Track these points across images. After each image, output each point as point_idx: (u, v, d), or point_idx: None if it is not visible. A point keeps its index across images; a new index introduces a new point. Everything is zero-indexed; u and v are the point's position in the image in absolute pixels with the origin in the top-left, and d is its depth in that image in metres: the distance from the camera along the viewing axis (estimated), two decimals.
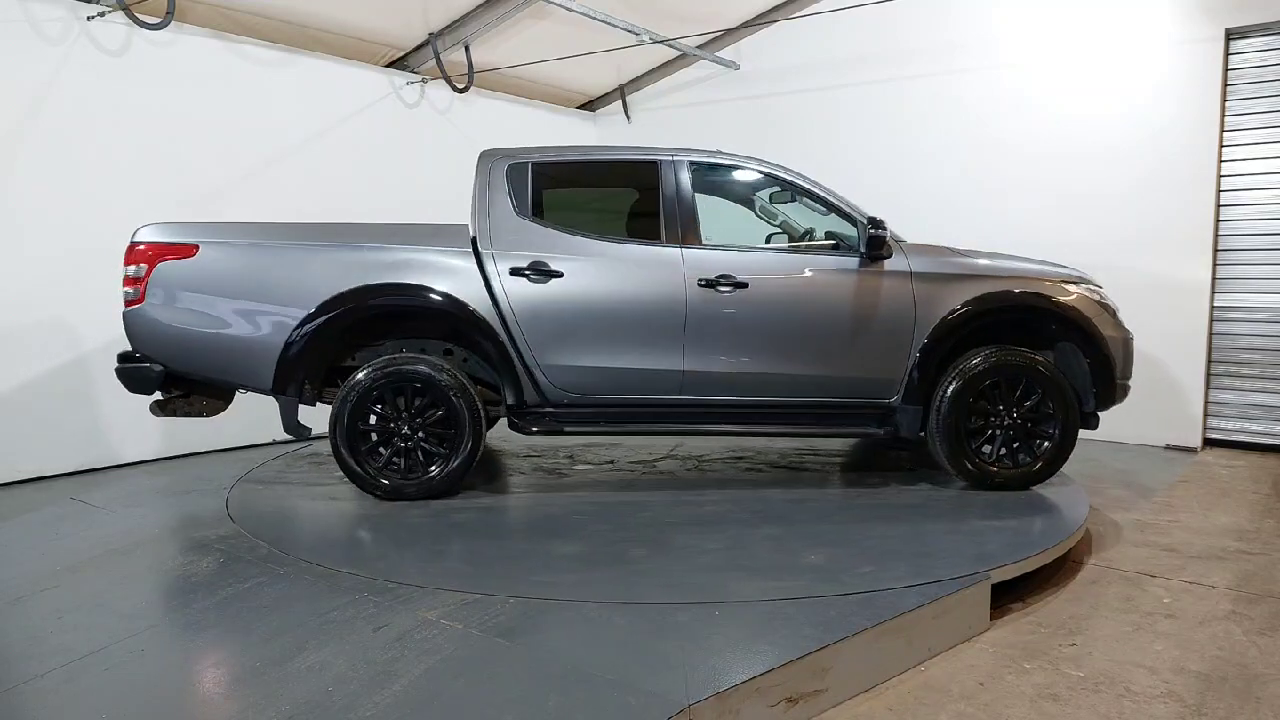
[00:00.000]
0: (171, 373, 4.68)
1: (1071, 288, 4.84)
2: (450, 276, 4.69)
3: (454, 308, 4.66)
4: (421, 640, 2.97)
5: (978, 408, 4.76)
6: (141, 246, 4.59)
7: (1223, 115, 6.55)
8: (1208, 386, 6.78)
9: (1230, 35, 6.51)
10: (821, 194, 4.95)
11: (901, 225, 5.69)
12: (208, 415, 5.00)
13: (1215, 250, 6.65)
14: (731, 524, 4.28)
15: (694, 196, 4.88)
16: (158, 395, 4.76)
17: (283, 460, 5.85)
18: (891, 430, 4.86)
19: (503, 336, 4.69)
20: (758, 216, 5.52)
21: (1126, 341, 4.93)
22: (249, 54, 6.47)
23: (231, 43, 6.37)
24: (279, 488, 5.18)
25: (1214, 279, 6.67)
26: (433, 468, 4.70)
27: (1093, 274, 5.16)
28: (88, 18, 5.57)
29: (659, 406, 4.85)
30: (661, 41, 7.71)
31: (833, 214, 4.95)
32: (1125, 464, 6.21)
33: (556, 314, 4.72)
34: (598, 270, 4.77)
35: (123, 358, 4.67)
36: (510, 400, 4.79)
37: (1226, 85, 6.57)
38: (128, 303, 4.59)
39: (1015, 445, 4.78)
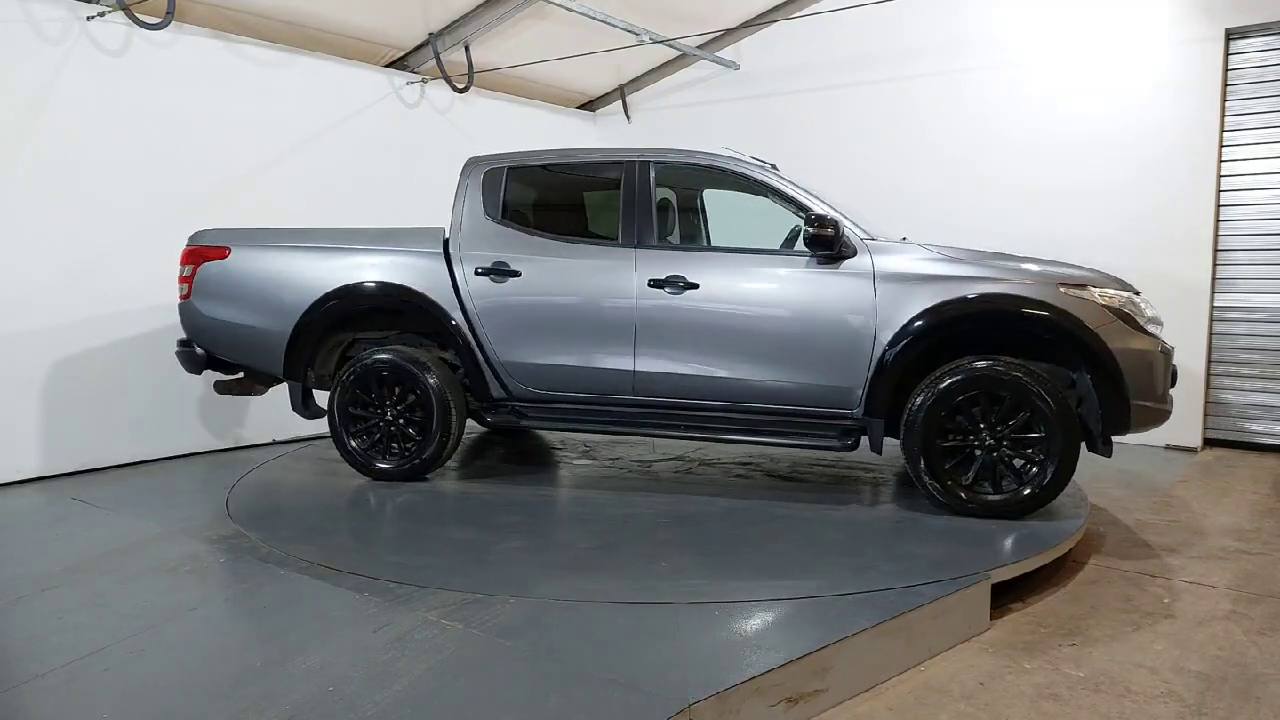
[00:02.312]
0: (213, 357, 5.38)
1: (1072, 291, 4.25)
2: (422, 275, 5.04)
3: (425, 305, 5.01)
4: (422, 640, 2.97)
5: (954, 425, 4.29)
6: (191, 249, 5.34)
7: (1223, 115, 6.56)
8: (1208, 386, 6.78)
9: (1230, 35, 6.51)
10: (790, 193, 4.64)
11: (902, 224, 5.71)
12: (255, 395, 5.70)
13: (1215, 250, 6.65)
14: (634, 527, 4.28)
15: (653, 196, 4.86)
16: (219, 376, 5.55)
17: (283, 461, 5.85)
18: (854, 445, 4.52)
19: (467, 332, 4.98)
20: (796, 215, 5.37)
21: (1155, 355, 4.27)
22: (249, 54, 6.47)
23: (231, 43, 6.37)
24: (279, 488, 5.20)
25: (1214, 279, 6.67)
26: (409, 452, 5.07)
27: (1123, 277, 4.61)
28: (88, 18, 5.57)
29: (613, 406, 4.87)
30: (661, 41, 7.71)
31: (801, 213, 4.71)
32: (1125, 464, 6.21)
33: (514, 312, 4.93)
34: (554, 270, 4.90)
35: (180, 343, 5.44)
36: (479, 393, 5.05)
37: (1226, 85, 6.57)
38: (180, 297, 5.34)
39: (1000, 470, 4.28)
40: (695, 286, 4.63)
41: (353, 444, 5.13)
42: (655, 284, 4.68)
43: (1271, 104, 6.47)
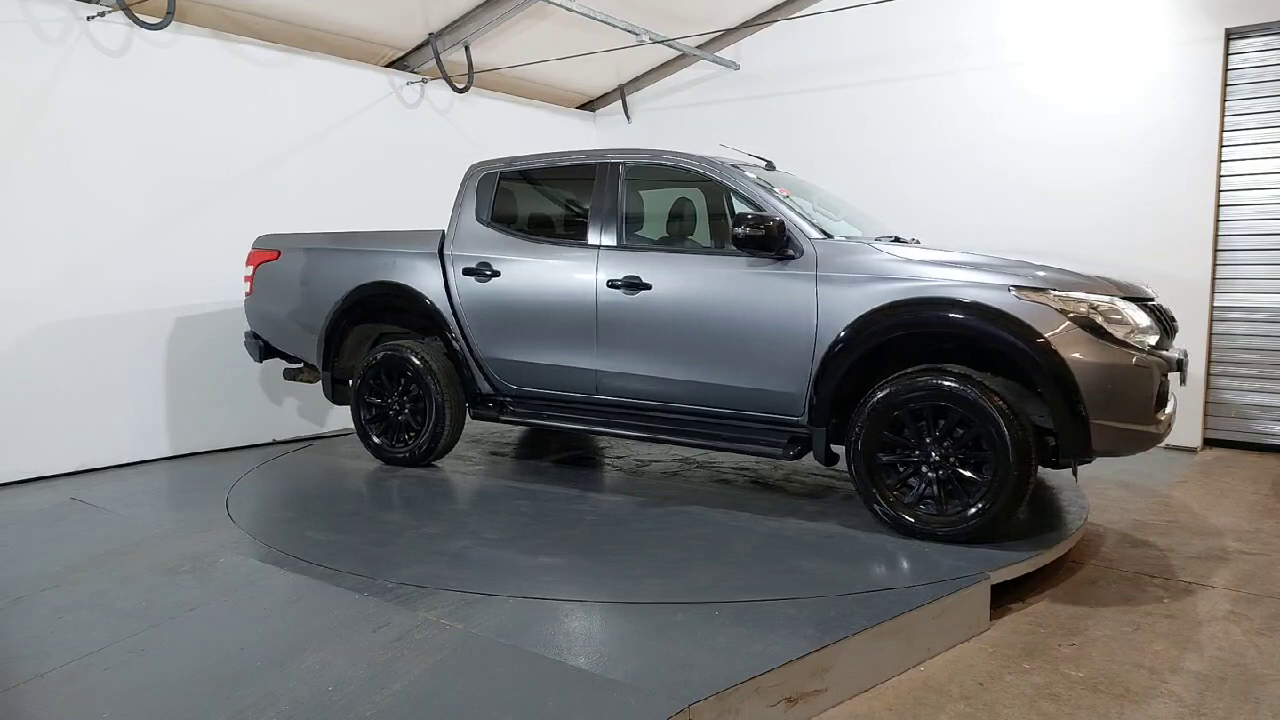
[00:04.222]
0: (270, 347, 6.00)
1: (1026, 294, 3.80)
2: (420, 275, 5.35)
3: (422, 303, 5.31)
4: (421, 640, 2.97)
5: (900, 439, 3.98)
6: (253, 251, 5.97)
7: (1223, 115, 6.55)
8: (1207, 386, 6.78)
9: (1230, 35, 6.51)
10: (745, 192, 4.54)
11: (902, 223, 5.70)
12: (313, 382, 6.09)
13: (1215, 250, 6.64)
14: (555, 522, 4.37)
15: (619, 197, 4.87)
16: (286, 365, 6.12)
17: (283, 461, 5.86)
18: (799, 453, 4.32)
19: (456, 330, 5.26)
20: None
21: (1125, 369, 3.76)
22: (249, 54, 6.46)
23: (231, 43, 6.36)
24: (280, 488, 5.20)
25: (1214, 279, 6.67)
26: (409, 440, 5.47)
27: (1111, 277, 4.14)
28: (88, 18, 5.57)
29: (582, 405, 4.98)
30: (661, 41, 7.71)
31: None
32: (1124, 464, 6.20)
33: (493, 310, 5.15)
34: (528, 270, 5.06)
35: (247, 334, 6.10)
36: (468, 388, 5.32)
37: (1226, 85, 6.56)
38: (246, 294, 5.97)
39: (949, 489, 3.91)
40: (648, 287, 4.64)
41: (364, 429, 5.60)
42: (612, 285, 4.73)
43: (1271, 104, 6.46)
